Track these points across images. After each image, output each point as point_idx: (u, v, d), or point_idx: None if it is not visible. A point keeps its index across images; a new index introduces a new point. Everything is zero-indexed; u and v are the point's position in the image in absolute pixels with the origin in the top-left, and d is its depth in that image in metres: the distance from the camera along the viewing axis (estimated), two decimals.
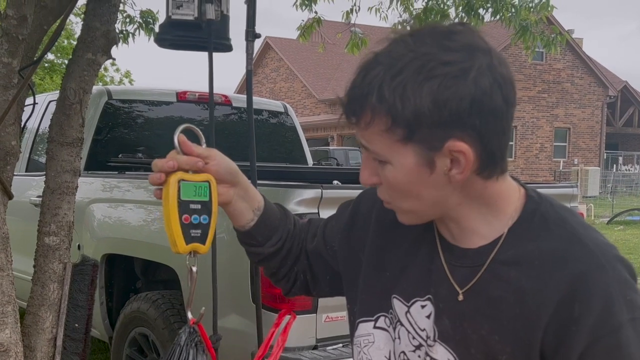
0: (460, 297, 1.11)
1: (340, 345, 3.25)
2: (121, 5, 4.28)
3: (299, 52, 32.31)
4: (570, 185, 4.15)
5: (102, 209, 4.23)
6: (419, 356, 1.15)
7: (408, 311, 1.17)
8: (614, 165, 30.16)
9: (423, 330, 1.15)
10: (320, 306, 3.12)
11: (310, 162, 5.78)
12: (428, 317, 1.14)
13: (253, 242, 1.30)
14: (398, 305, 1.19)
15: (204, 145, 1.19)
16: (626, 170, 30.71)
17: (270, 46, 34.40)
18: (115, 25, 3.01)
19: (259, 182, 2.99)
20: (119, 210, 4.16)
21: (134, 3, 4.57)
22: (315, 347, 3.18)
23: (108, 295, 4.20)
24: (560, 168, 29.22)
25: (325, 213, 3.04)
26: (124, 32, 4.60)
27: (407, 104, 0.99)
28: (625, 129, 34.69)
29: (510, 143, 29.24)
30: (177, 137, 1.14)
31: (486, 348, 1.08)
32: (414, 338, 1.16)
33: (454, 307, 1.11)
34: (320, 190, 3.04)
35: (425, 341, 1.14)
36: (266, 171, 4.09)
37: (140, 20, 4.65)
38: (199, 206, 1.14)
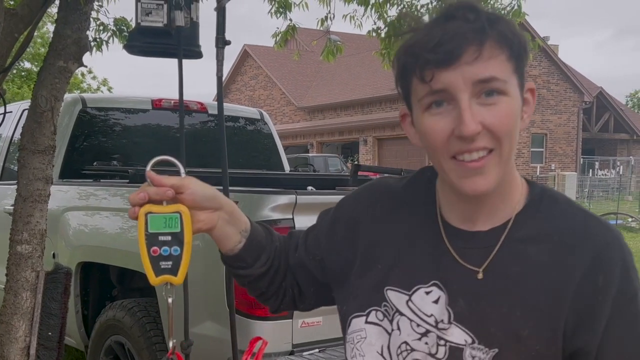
0: (480, 276, 1.12)
1: (317, 350, 3.25)
2: (94, 13, 4.28)
3: (278, 59, 32.34)
4: None
5: (78, 217, 4.20)
6: (427, 343, 1.14)
7: (410, 299, 1.17)
8: (591, 171, 30.43)
9: (430, 316, 1.15)
10: (296, 312, 3.12)
11: (287, 168, 5.79)
12: (435, 302, 1.15)
13: (242, 265, 1.28)
14: (395, 296, 1.19)
15: (183, 174, 1.16)
16: (602, 175, 30.98)
17: (249, 54, 34.40)
18: (89, 33, 3.01)
19: (232, 188, 3.00)
20: (94, 218, 4.14)
21: (108, 11, 4.58)
22: (291, 353, 3.17)
23: (84, 303, 4.18)
24: (538, 173, 29.45)
25: (300, 219, 3.06)
26: (98, 39, 4.59)
27: (516, 38, 1.08)
28: (601, 135, 35.06)
29: None
30: (146, 173, 1.13)
31: (507, 325, 1.09)
32: (418, 326, 1.16)
33: (469, 288, 1.13)
34: (294, 196, 3.05)
35: (435, 326, 1.14)
36: (241, 178, 4.09)
37: (114, 28, 4.65)
38: (169, 238, 1.12)
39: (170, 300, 1.16)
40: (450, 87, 1.05)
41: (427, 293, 1.16)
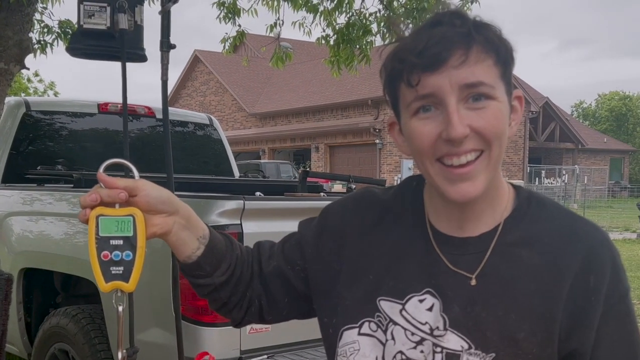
0: (473, 282, 1.13)
1: (265, 356, 3.25)
2: (38, 15, 4.20)
3: (229, 65, 32.23)
4: None
5: (21, 222, 4.12)
6: (422, 351, 1.13)
7: (403, 308, 1.16)
8: (537, 179, 31.07)
9: (425, 323, 1.14)
10: None
11: (237, 174, 5.77)
12: (430, 309, 1.14)
13: (201, 273, 1.22)
14: (388, 305, 1.17)
15: (137, 177, 1.12)
16: (549, 183, 31.66)
17: (200, 59, 34.20)
18: (32, 35, 2.96)
19: (179, 193, 2.97)
20: (38, 224, 4.06)
21: (52, 13, 4.49)
22: (239, 359, 3.16)
23: (27, 310, 4.09)
24: None
25: (248, 224, 3.05)
26: (42, 42, 4.50)
27: (502, 44, 1.08)
28: (547, 144, 35.82)
29: None
30: (98, 175, 1.09)
31: (502, 328, 1.10)
32: (413, 334, 1.15)
33: (464, 294, 1.13)
34: (242, 201, 3.04)
35: (430, 333, 1.13)
36: (189, 183, 4.07)
37: (59, 31, 4.57)
38: (120, 242, 1.07)
39: (120, 308, 1.12)
40: (438, 91, 1.05)
41: (421, 301, 1.15)
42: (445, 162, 1.08)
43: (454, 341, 1.12)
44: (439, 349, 1.12)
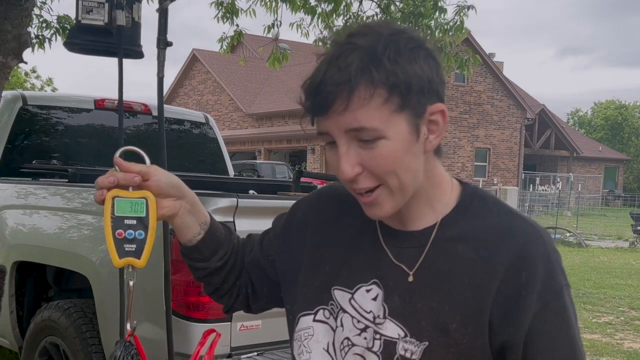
0: (411, 279, 1.18)
1: (255, 353, 3.26)
2: (37, 9, 4.20)
3: (227, 65, 32.21)
4: None
5: (15, 216, 4.13)
6: (365, 338, 1.19)
7: (352, 297, 1.22)
8: (531, 186, 31.13)
9: (369, 312, 1.20)
10: (235, 315, 3.12)
11: (232, 173, 5.79)
12: (374, 299, 1.20)
13: (200, 257, 1.32)
14: (340, 294, 1.24)
15: (148, 163, 1.22)
16: (543, 190, 31.71)
17: (198, 58, 34.16)
18: (30, 30, 2.97)
19: None
20: (32, 217, 4.08)
21: (51, 8, 4.49)
22: (229, 356, 3.18)
23: (19, 303, 4.10)
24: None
25: (241, 222, 3.07)
26: (40, 37, 4.51)
27: (401, 73, 1.07)
28: (543, 151, 35.92)
29: None
30: (115, 159, 1.18)
31: (436, 319, 1.15)
32: (358, 322, 1.21)
33: (404, 286, 1.18)
34: (235, 199, 3.07)
35: (373, 321, 1.19)
36: (184, 181, 4.07)
37: (57, 26, 4.57)
38: (134, 222, 1.17)
39: (131, 283, 1.21)
40: (329, 132, 1.12)
41: (368, 291, 1.21)
42: (354, 189, 1.15)
43: (391, 329, 1.17)
44: (378, 336, 1.18)
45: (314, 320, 1.26)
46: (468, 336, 1.13)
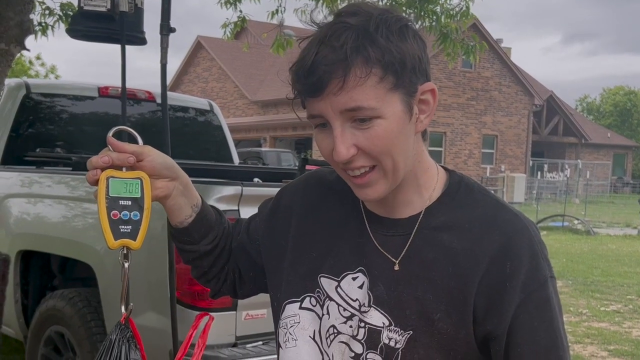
0: (397, 267, 1.17)
1: (260, 342, 3.26)
2: None
3: (232, 52, 32.15)
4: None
5: (19, 204, 4.12)
6: (351, 326, 1.19)
7: (338, 285, 1.22)
8: (539, 173, 31.07)
9: (355, 300, 1.19)
10: (240, 304, 3.12)
11: (236, 161, 5.77)
12: (360, 287, 1.19)
13: (189, 240, 1.30)
14: (326, 282, 1.23)
15: (140, 143, 1.20)
16: (551, 177, 31.69)
17: (202, 45, 34.12)
18: (33, 17, 2.95)
19: None
20: (36, 206, 4.07)
21: None
22: (234, 345, 3.18)
23: (23, 292, 4.10)
24: (487, 174, 29.94)
25: (246, 210, 3.05)
26: (43, 24, 4.47)
27: (395, 51, 1.06)
28: (551, 138, 35.81)
29: (440, 149, 29.33)
30: (108, 139, 1.15)
31: (420, 308, 1.14)
32: (344, 310, 1.20)
33: (389, 274, 1.17)
34: (240, 187, 3.05)
35: (358, 309, 1.19)
36: (188, 169, 4.05)
37: (60, 13, 4.54)
38: (129, 202, 1.14)
39: (126, 265, 1.18)
40: (323, 114, 1.09)
41: (354, 279, 1.21)
42: (348, 172, 1.13)
43: (376, 317, 1.17)
44: (363, 324, 1.18)
45: (300, 308, 1.25)
46: (452, 326, 1.13)
